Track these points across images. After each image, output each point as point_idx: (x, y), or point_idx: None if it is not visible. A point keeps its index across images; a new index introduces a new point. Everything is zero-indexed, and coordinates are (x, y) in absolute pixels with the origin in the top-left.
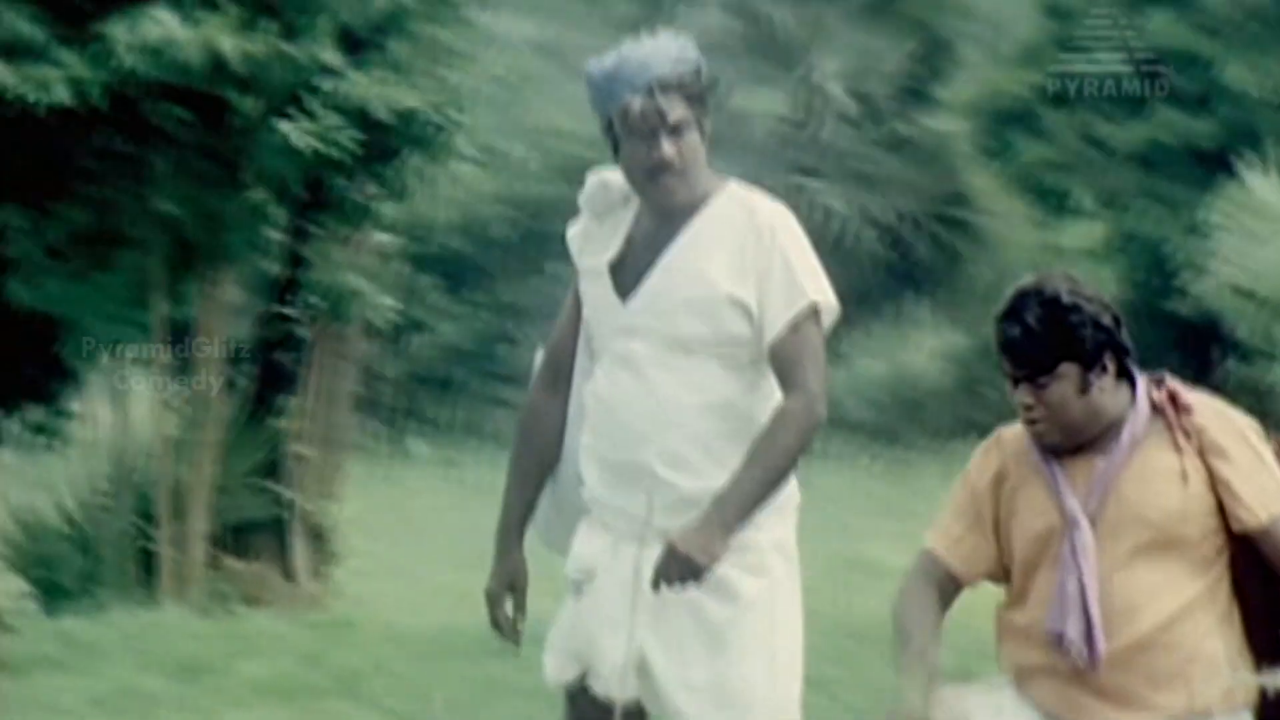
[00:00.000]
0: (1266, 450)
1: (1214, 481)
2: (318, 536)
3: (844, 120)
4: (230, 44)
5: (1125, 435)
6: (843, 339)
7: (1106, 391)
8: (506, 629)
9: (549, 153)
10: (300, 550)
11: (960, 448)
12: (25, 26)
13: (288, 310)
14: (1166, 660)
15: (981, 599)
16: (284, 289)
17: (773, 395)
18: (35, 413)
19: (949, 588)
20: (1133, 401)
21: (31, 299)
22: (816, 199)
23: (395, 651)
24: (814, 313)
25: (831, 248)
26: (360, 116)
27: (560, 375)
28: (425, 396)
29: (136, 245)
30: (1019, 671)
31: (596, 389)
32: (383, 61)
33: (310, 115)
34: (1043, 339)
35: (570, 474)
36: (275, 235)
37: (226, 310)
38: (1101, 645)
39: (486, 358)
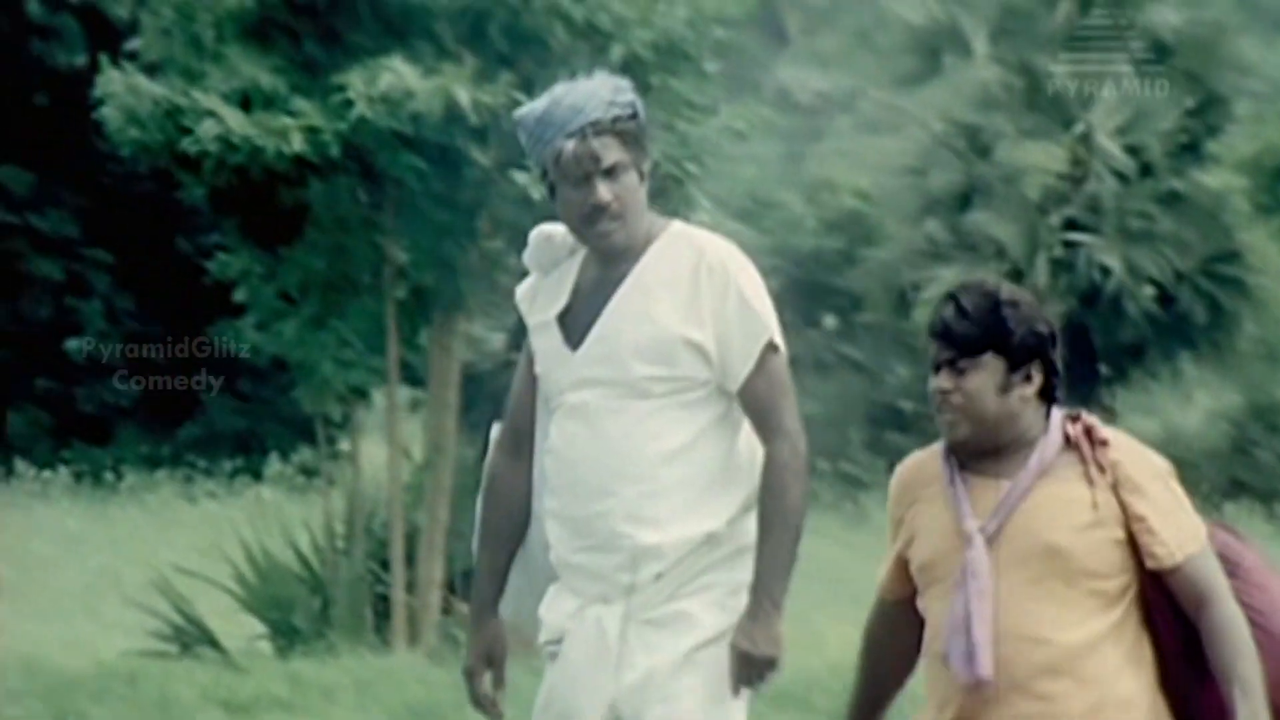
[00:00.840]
0: (1180, 492)
1: (1127, 517)
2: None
3: (1118, 176)
4: (466, 95)
5: (1034, 460)
6: (1116, 396)
7: (1026, 404)
8: (486, 705)
9: (823, 205)
10: None
11: (1231, 509)
12: (264, 78)
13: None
14: (1077, 696)
15: None
16: (518, 337)
17: (736, 427)
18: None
19: (898, 615)
20: (1046, 430)
21: (266, 344)
22: (1091, 255)
23: None
24: (774, 346)
25: (1106, 305)
26: None
27: (521, 440)
28: None
29: (371, 292)
30: (939, 704)
31: (552, 445)
32: None
33: None
34: (973, 322)
35: (538, 541)
36: (510, 283)
37: (461, 357)
38: (985, 668)
39: None
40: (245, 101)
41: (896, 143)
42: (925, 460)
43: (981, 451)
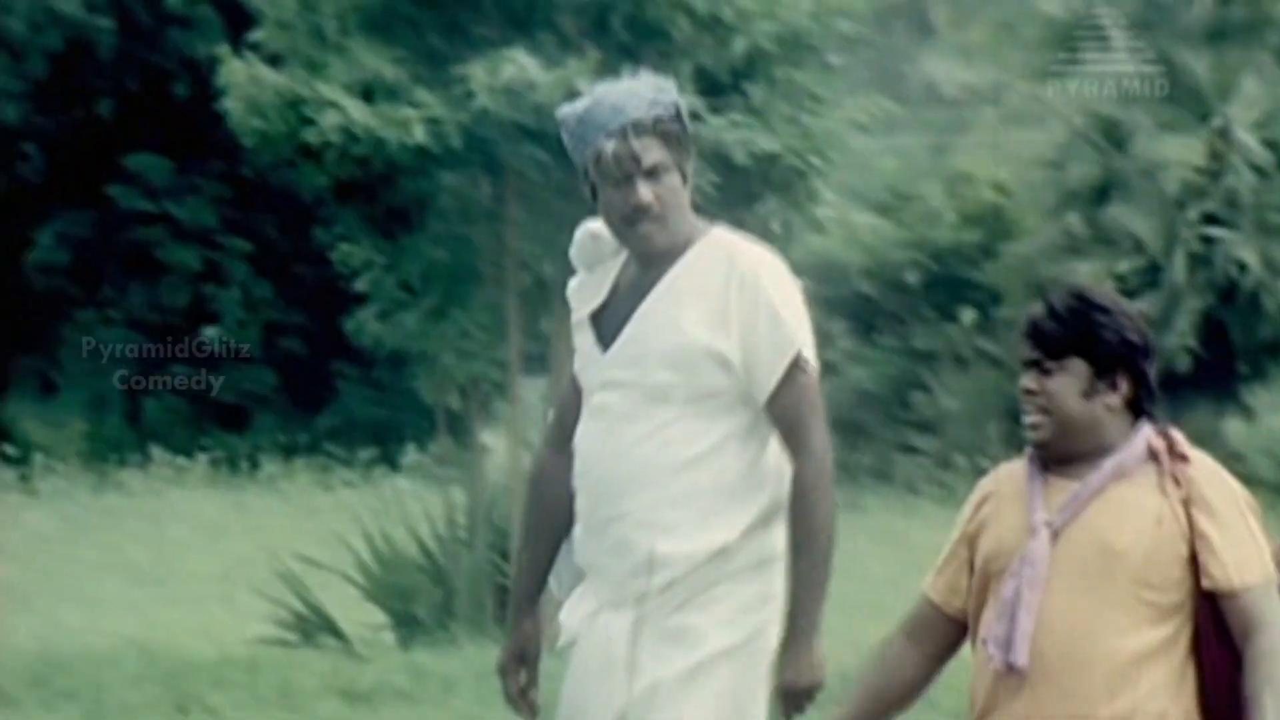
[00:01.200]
0: (1257, 524)
1: (1193, 534)
2: None
3: (1256, 170)
4: (588, 87)
5: (1110, 463)
6: (1255, 393)
7: (1111, 412)
8: (519, 703)
9: (961, 199)
10: None
11: None
12: (387, 69)
13: None
14: (1106, 703)
15: None
16: None
17: (763, 440)
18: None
19: (939, 628)
20: (1130, 437)
21: (387, 335)
22: (1229, 251)
23: None
24: (802, 360)
25: (1244, 301)
26: (719, 160)
27: (567, 435)
28: (834, 441)
29: (493, 282)
30: (977, 693)
31: (577, 444)
32: (742, 105)
33: None
34: (1061, 324)
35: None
36: None
37: None
38: (1021, 656)
39: (897, 403)
40: (368, 93)
41: (1037, 136)
42: (1009, 467)
43: (1064, 456)
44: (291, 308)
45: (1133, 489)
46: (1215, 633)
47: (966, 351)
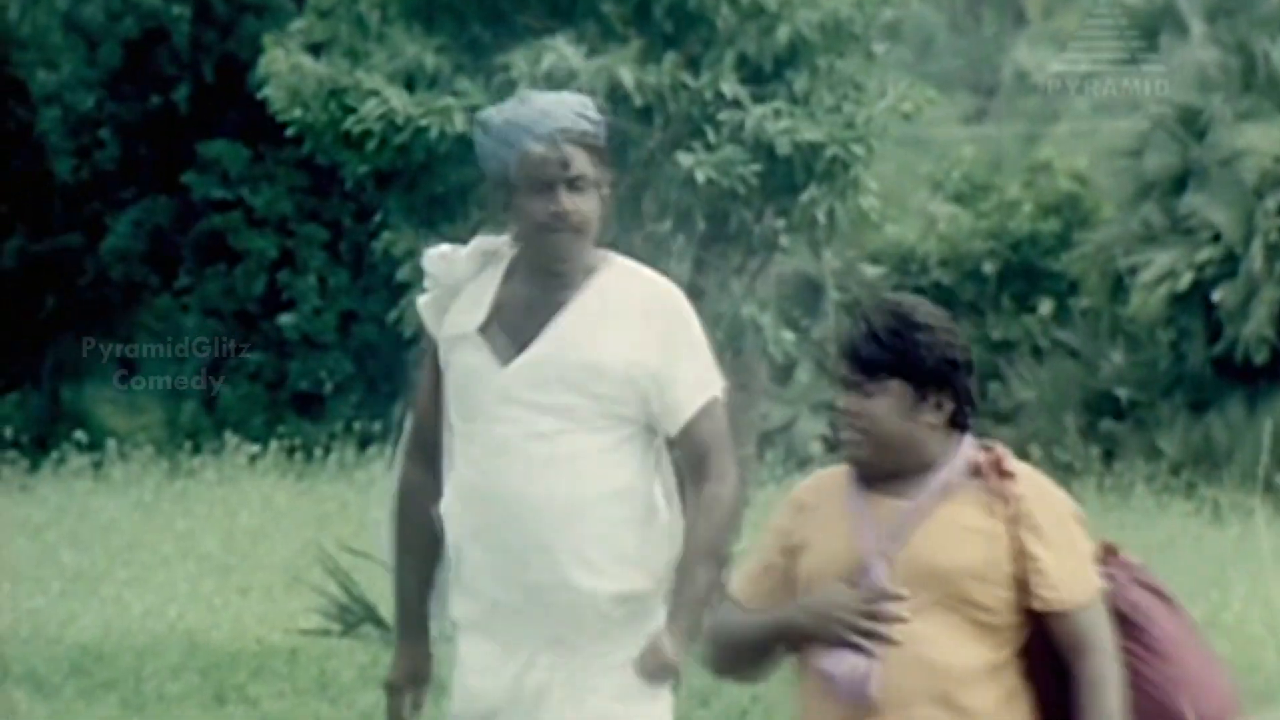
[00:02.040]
0: (1084, 540)
1: (1020, 554)
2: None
3: None
4: (630, 75)
5: (935, 483)
6: None
7: (933, 430)
8: None
9: (1039, 188)
10: None
11: None
12: (428, 58)
13: None
14: None
15: None
16: None
17: (653, 479)
18: None
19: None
20: (953, 454)
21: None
22: None
23: None
24: (718, 398)
25: None
26: (761, 149)
27: (430, 453)
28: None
29: None
30: None
31: (473, 477)
32: (785, 94)
33: (711, 147)
34: (880, 345)
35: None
36: (676, 266)
37: None
38: (873, 687)
39: None
40: (409, 81)
41: (1126, 125)
42: (827, 477)
43: (885, 473)
44: (367, 295)
45: (960, 508)
46: (1044, 653)
47: (1043, 342)
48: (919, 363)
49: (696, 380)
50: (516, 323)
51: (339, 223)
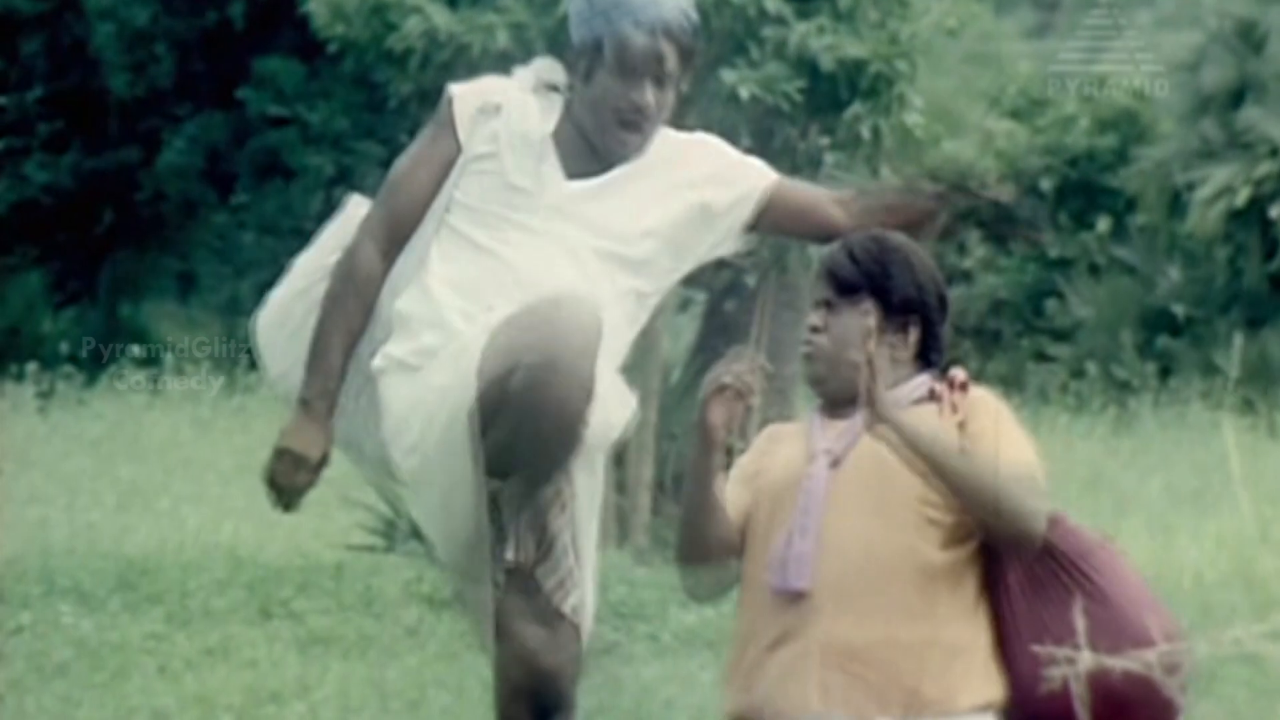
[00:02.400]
0: (1030, 446)
1: (965, 451)
2: None
3: None
4: None
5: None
6: None
7: (896, 361)
8: (295, 500)
9: (1098, 104)
10: None
11: None
12: None
13: (734, 259)
14: (903, 626)
15: None
16: None
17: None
18: None
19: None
20: (909, 383)
21: None
22: None
23: None
24: None
25: None
26: (805, 66)
27: (398, 242)
28: (965, 348)
29: None
30: (760, 628)
31: (523, 270)
32: (829, 10)
33: (754, 64)
34: (857, 264)
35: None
36: None
37: None
38: (799, 579)
39: (1031, 312)
40: None
41: (1183, 39)
42: (801, 420)
43: (841, 396)
44: None
45: (908, 415)
46: (1023, 586)
47: (1100, 259)
48: (889, 285)
49: (760, 172)
50: (580, 152)
51: (394, 139)
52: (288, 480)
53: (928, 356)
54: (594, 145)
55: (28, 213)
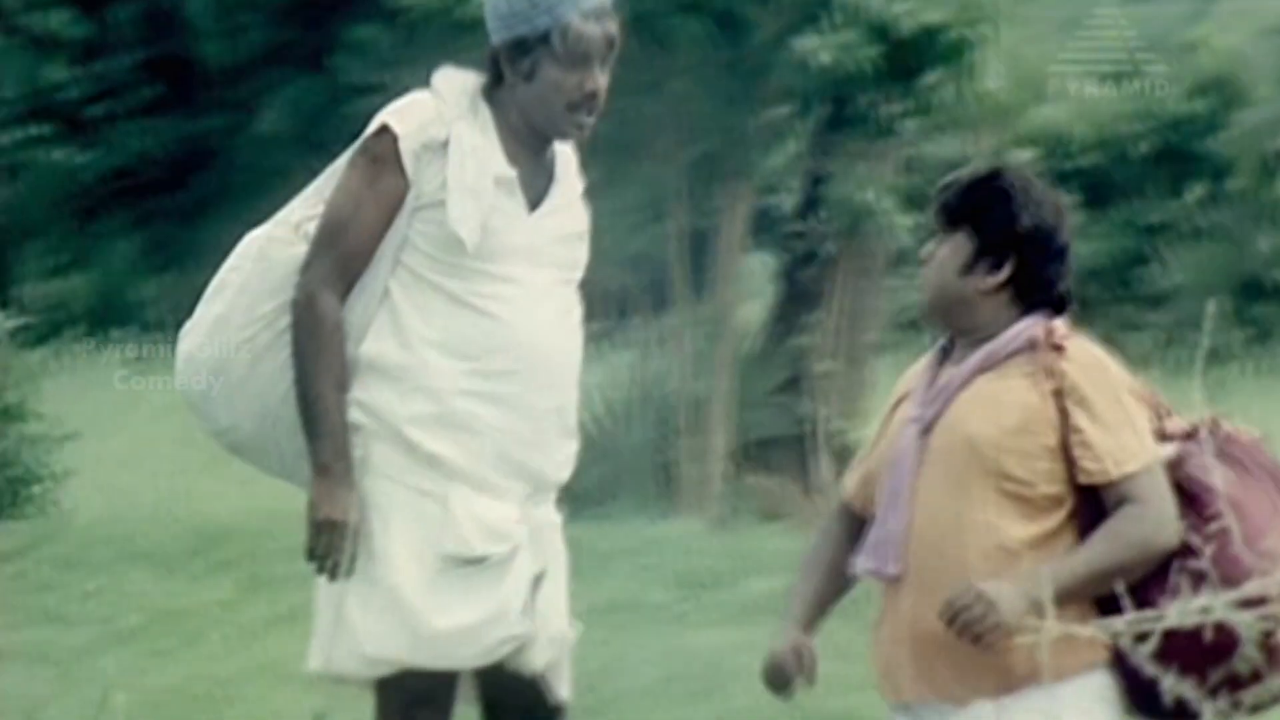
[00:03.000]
0: (1140, 413)
1: (1065, 427)
2: (841, 453)
3: None
4: None
5: (979, 354)
6: None
7: (985, 294)
8: (350, 565)
9: (1192, 69)
10: (822, 466)
11: None
12: None
13: (810, 227)
14: None
15: None
16: (806, 206)
17: None
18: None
19: (855, 526)
20: (1011, 329)
21: None
22: None
23: None
24: None
25: None
26: (883, 33)
27: (352, 285)
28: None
29: (656, 158)
30: (877, 620)
31: (517, 325)
32: None
33: (830, 31)
34: (959, 195)
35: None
36: (797, 151)
37: (746, 226)
38: (891, 564)
39: (1123, 278)
40: None
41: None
42: (926, 358)
43: (945, 330)
44: None
45: (1000, 380)
46: (1097, 525)
47: (1196, 225)
48: (985, 219)
49: None
50: (529, 173)
51: None
52: (329, 550)
53: (1030, 297)
54: (532, 138)
55: (121, 179)
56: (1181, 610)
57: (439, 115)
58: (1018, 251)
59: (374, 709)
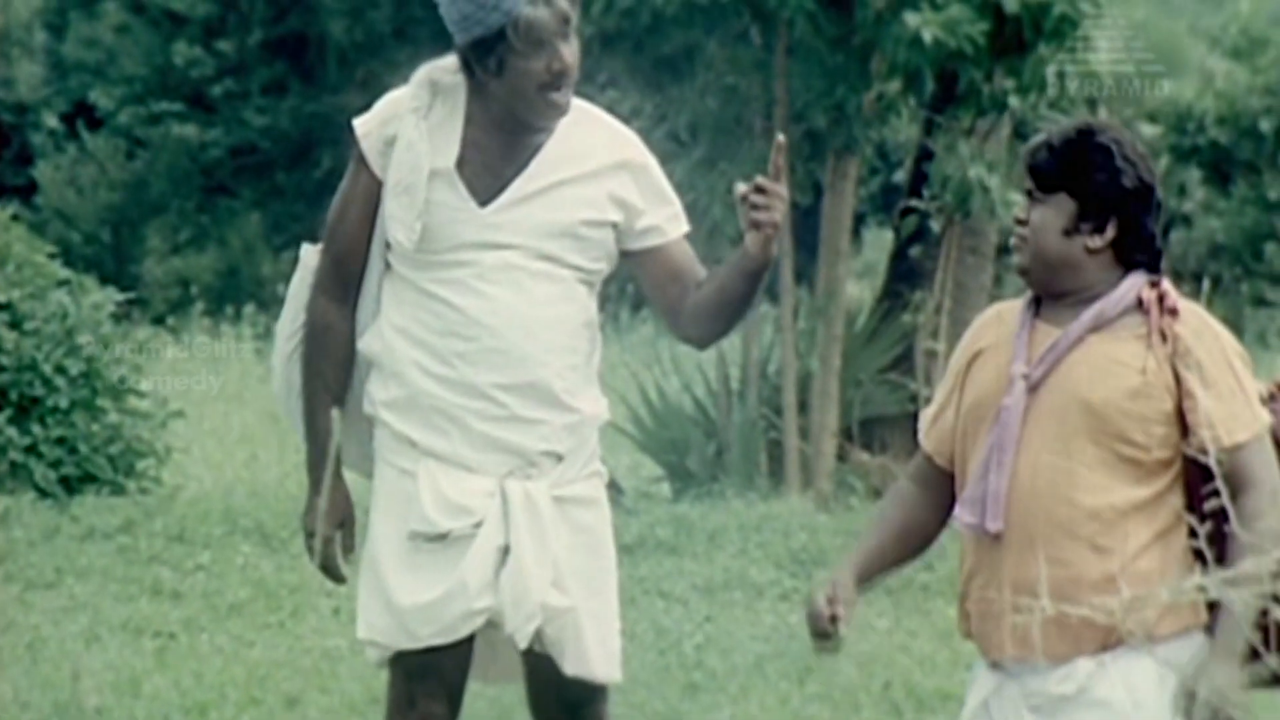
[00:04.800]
0: (1249, 379)
1: (1180, 392)
2: None
3: None
4: None
5: (1090, 312)
6: None
7: (1091, 254)
8: (335, 570)
9: None
10: None
11: None
12: None
13: (919, 204)
14: (1094, 564)
15: None
16: (915, 183)
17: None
18: None
19: (939, 480)
20: (1116, 284)
21: None
22: None
23: None
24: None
25: None
26: (990, 8)
27: (349, 284)
28: (1184, 293)
29: (763, 135)
30: (967, 552)
31: (466, 308)
32: None
33: (938, 6)
34: (1057, 156)
35: (360, 391)
36: (906, 128)
37: (854, 203)
38: (995, 520)
39: (1250, 255)
40: None
41: None
42: (1006, 308)
43: (1047, 292)
44: None
45: (1114, 342)
46: (1202, 494)
47: None
48: (1088, 180)
49: (677, 216)
50: (490, 163)
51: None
52: (317, 557)
53: (1130, 255)
54: (508, 123)
55: (247, 156)
56: (1174, 589)
57: (398, 110)
58: (1120, 211)
59: None
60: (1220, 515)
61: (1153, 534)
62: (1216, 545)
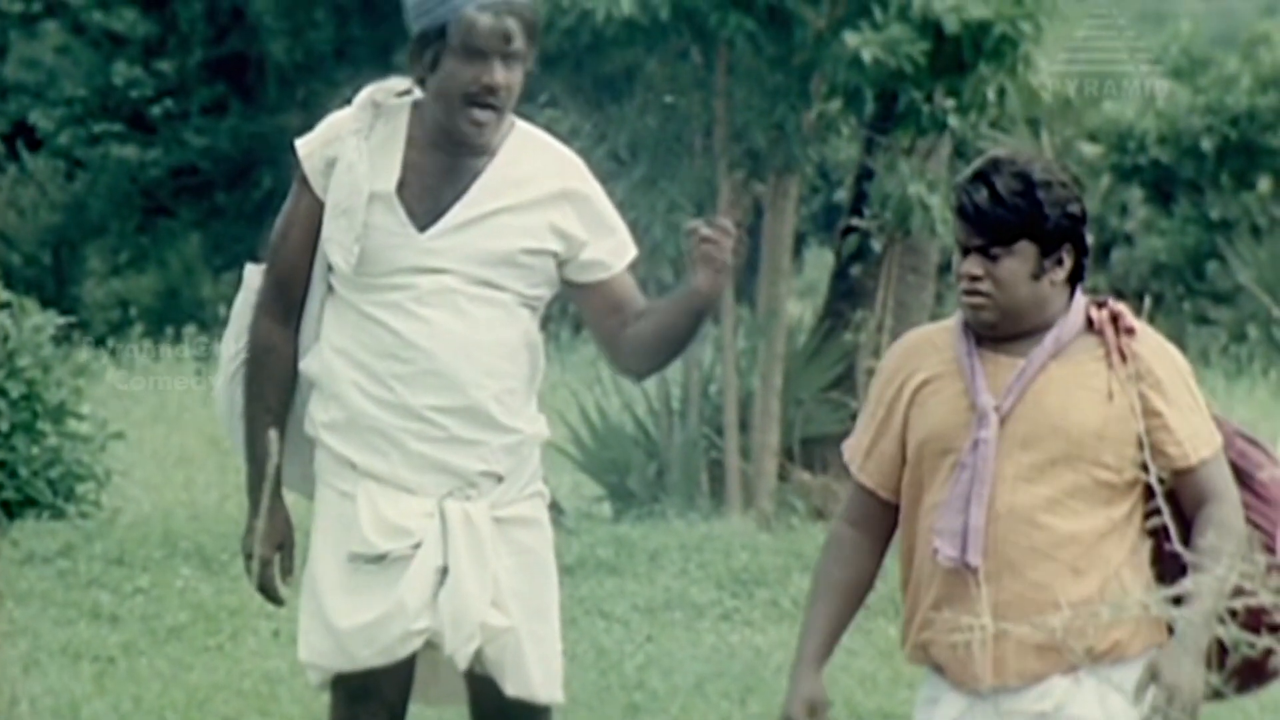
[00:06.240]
0: (1200, 395)
1: (1145, 411)
2: None
3: None
4: None
5: (1049, 339)
6: None
7: (1055, 287)
8: (274, 592)
9: (1258, 61)
10: None
11: None
12: None
13: (860, 223)
14: (1072, 586)
15: None
16: (856, 202)
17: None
18: None
19: (880, 514)
20: (1067, 311)
21: None
22: None
23: None
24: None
25: None
26: (929, 28)
27: (292, 305)
28: (1132, 310)
29: (702, 154)
30: (920, 583)
31: (403, 331)
32: None
33: (878, 27)
34: (1009, 209)
35: (302, 413)
36: (847, 147)
37: (795, 222)
38: (974, 555)
39: (1192, 274)
40: None
41: None
42: (933, 334)
43: (1009, 335)
44: None
45: (1074, 365)
46: (1168, 505)
47: (1262, 220)
48: (1046, 223)
49: (622, 246)
50: (431, 186)
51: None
52: (255, 579)
53: (1080, 274)
54: (446, 143)
55: (188, 177)
56: (1117, 605)
57: (339, 132)
58: (1074, 237)
59: None
60: (1164, 532)
61: (1127, 551)
62: (1159, 564)
